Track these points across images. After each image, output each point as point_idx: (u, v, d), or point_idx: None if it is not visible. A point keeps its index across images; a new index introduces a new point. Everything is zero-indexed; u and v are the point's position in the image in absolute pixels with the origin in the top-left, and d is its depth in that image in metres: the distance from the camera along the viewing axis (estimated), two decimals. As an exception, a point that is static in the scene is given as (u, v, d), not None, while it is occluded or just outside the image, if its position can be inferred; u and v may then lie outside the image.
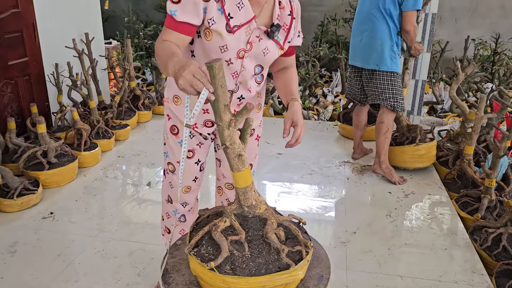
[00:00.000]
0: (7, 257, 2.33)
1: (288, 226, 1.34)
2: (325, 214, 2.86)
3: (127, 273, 2.22)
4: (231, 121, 1.20)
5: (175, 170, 1.81)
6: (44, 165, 2.98)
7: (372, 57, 3.15)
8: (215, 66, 1.13)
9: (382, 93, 3.17)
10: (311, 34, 7.02)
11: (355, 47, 3.29)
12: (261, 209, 1.32)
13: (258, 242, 1.29)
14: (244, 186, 1.29)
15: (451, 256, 2.43)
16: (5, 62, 3.28)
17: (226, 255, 1.21)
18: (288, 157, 3.71)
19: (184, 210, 1.93)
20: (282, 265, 1.23)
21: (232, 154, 1.24)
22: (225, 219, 1.31)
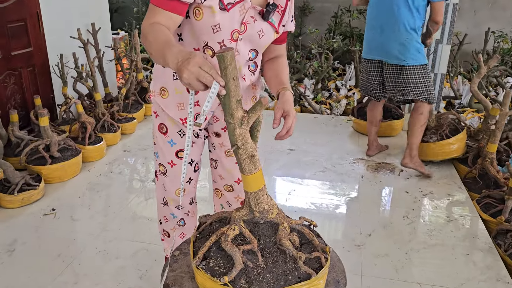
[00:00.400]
0: (5, 257, 2.24)
1: (302, 230, 1.23)
2: (338, 214, 2.72)
3: (129, 276, 2.11)
4: (243, 119, 1.08)
5: (167, 171, 1.69)
6: (47, 159, 2.88)
7: (397, 51, 2.98)
8: (226, 56, 1.00)
9: (415, 88, 3.02)
10: (324, 26, 6.84)
11: (374, 40, 3.11)
12: (273, 214, 1.20)
13: (271, 250, 1.17)
14: (256, 190, 1.16)
15: (473, 262, 2.28)
16: (8, 52, 3.18)
17: (240, 267, 1.09)
18: (299, 153, 3.57)
19: (180, 213, 1.81)
20: (301, 274, 1.12)
21: (244, 155, 1.12)
22: (234, 227, 1.19)
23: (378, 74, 3.21)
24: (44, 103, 3.48)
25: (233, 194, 1.76)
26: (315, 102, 4.89)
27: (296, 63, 5.78)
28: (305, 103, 4.84)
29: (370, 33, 3.15)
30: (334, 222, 2.64)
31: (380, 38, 3.04)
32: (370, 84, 3.27)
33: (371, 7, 3.12)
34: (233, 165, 1.67)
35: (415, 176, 3.18)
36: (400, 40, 2.95)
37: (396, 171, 3.26)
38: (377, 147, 3.54)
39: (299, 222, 1.25)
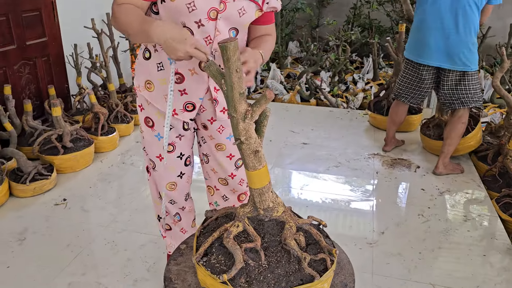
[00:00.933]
0: (15, 245, 2.25)
1: (309, 230, 1.18)
2: (351, 211, 2.65)
3: (136, 268, 2.10)
4: (247, 112, 1.03)
5: (155, 166, 1.65)
6: (59, 149, 2.89)
7: (464, 56, 2.75)
8: (229, 47, 0.96)
9: (474, 95, 2.84)
10: (343, 18, 6.70)
11: (436, 44, 2.80)
12: (279, 212, 1.15)
13: (275, 250, 1.13)
14: (260, 187, 1.12)
15: (490, 263, 2.20)
16: (23, 42, 3.19)
17: (240, 266, 1.06)
18: (313, 147, 3.50)
19: (174, 208, 1.78)
20: (304, 276, 1.07)
21: (248, 150, 1.07)
22: (238, 223, 1.15)
23: (433, 81, 2.97)
24: (58, 93, 3.50)
25: (228, 187, 1.71)
26: (331, 96, 4.81)
27: (312, 55, 5.69)
28: (320, 96, 4.76)
29: (431, 35, 2.81)
30: (347, 219, 2.58)
31: (446, 42, 2.76)
32: (420, 91, 3.03)
33: (431, 6, 2.80)
34: (225, 159, 1.62)
35: (431, 173, 3.08)
36: (468, 44, 2.73)
37: (412, 168, 3.17)
38: (394, 143, 3.45)
39: (306, 222, 1.20)
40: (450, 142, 2.97)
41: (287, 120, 4.07)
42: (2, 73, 3.05)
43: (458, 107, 2.90)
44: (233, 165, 1.65)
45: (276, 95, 4.82)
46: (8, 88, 2.92)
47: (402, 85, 3.12)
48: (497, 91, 2.89)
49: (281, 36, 6.12)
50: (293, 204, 2.71)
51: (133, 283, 2.01)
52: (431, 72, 2.93)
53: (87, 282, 2.00)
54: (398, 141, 3.49)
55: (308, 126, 3.91)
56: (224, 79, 1.00)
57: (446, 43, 2.78)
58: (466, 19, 2.71)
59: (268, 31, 1.49)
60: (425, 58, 2.88)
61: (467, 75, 2.81)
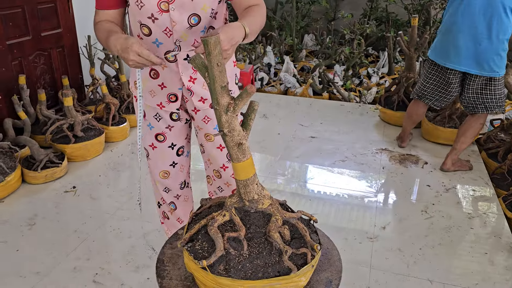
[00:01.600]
0: (25, 230, 2.34)
1: (296, 224, 1.19)
2: (353, 205, 2.66)
3: (139, 255, 2.16)
4: (229, 105, 1.05)
5: (149, 154, 1.72)
6: (70, 138, 2.97)
7: (493, 63, 2.68)
8: (210, 41, 0.98)
9: (499, 100, 2.78)
10: (359, 11, 6.62)
11: (466, 49, 2.71)
12: (264, 204, 1.18)
13: (259, 241, 1.15)
14: (244, 179, 1.14)
15: (492, 261, 2.18)
16: (38, 33, 3.28)
17: (220, 253, 1.09)
18: (321, 141, 3.51)
19: (169, 196, 1.83)
20: (282, 269, 1.09)
21: (231, 142, 1.10)
22: (225, 213, 1.18)
23: (458, 85, 2.88)
24: (72, 83, 3.58)
25: (222, 180, 1.75)
26: (344, 89, 4.78)
27: (327, 48, 5.65)
28: (333, 90, 4.74)
29: (461, 39, 2.73)
30: (349, 213, 2.59)
31: (477, 48, 2.68)
32: (446, 94, 2.94)
33: (465, 9, 2.70)
34: (215, 150, 1.66)
35: (439, 169, 3.06)
36: (498, 51, 2.66)
37: (419, 164, 3.15)
38: (409, 137, 3.43)
39: (293, 216, 1.21)
40: (464, 140, 2.93)
41: (297, 113, 4.07)
42: (18, 63, 3.15)
43: (481, 112, 2.84)
44: (224, 157, 1.69)
45: (289, 88, 4.82)
46: (23, 78, 3.01)
47: (427, 87, 3.02)
48: (507, 88, 2.84)
49: (296, 29, 6.10)
50: (296, 196, 2.74)
51: (135, 269, 2.07)
52: (458, 76, 2.84)
53: (91, 267, 2.08)
54: (411, 134, 3.48)
55: (317, 120, 3.91)
56: (207, 72, 1.02)
57: (477, 49, 2.68)
58: (501, 26, 2.60)
59: (251, 1, 1.42)
60: (453, 62, 2.78)
61: (494, 81, 2.74)
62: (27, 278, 2.00)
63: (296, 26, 6.05)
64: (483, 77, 2.74)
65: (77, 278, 2.01)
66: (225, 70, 1.02)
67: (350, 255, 2.20)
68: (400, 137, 3.41)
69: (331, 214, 2.55)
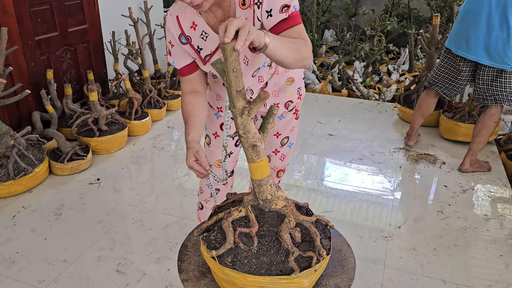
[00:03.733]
0: (53, 219, 2.46)
1: (308, 228, 1.22)
2: (369, 204, 2.70)
3: (160, 247, 2.25)
4: (244, 109, 1.10)
5: (211, 142, 1.82)
6: (95, 132, 3.08)
7: (504, 54, 2.67)
8: (227, 48, 1.03)
9: (509, 93, 2.76)
10: (381, 6, 6.58)
11: (476, 39, 2.73)
12: (278, 205, 1.22)
13: (270, 239, 1.20)
14: (259, 179, 1.19)
15: (506, 264, 2.20)
16: (65, 29, 3.38)
17: (229, 246, 1.16)
18: (339, 138, 3.54)
19: (218, 184, 1.94)
20: (285, 269, 1.13)
21: (246, 143, 1.15)
22: (241, 209, 1.24)
23: (470, 75, 2.90)
24: (97, 78, 3.69)
25: (270, 164, 1.84)
26: (363, 87, 4.78)
27: (347, 44, 5.65)
28: (352, 87, 4.75)
29: (471, 28, 2.75)
30: (365, 211, 2.62)
31: (488, 38, 2.69)
32: (455, 83, 2.98)
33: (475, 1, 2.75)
34: (272, 137, 1.82)
35: (457, 170, 3.06)
36: (510, 42, 2.64)
37: (437, 164, 3.15)
38: (417, 136, 3.43)
39: (307, 219, 1.23)
40: (479, 140, 2.92)
41: (315, 110, 4.10)
42: (46, 58, 3.26)
43: (490, 104, 2.84)
44: (279, 142, 1.83)
45: (308, 84, 4.84)
46: (51, 73, 3.13)
47: (438, 74, 3.05)
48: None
49: (316, 24, 6.10)
50: (313, 193, 2.79)
51: (156, 260, 2.16)
52: (469, 65, 2.86)
53: (115, 257, 2.17)
54: (419, 135, 3.47)
55: (335, 117, 3.94)
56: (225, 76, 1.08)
57: (488, 39, 2.69)
58: (509, 17, 2.60)
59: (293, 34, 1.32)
60: (465, 51, 2.81)
61: (505, 73, 2.73)
62: (54, 266, 2.11)
63: (316, 21, 6.05)
64: (494, 68, 2.73)
65: (101, 267, 2.10)
66: (241, 76, 1.06)
67: (364, 253, 2.24)
68: (408, 135, 3.41)
69: (347, 211, 2.60)
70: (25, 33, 3.05)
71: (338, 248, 1.34)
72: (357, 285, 2.02)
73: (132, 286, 1.99)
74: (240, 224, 1.22)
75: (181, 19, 1.41)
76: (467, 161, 3.01)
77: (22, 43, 3.03)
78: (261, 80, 1.57)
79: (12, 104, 3.01)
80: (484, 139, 2.93)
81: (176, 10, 1.41)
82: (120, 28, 3.81)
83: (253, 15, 1.33)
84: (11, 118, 3.06)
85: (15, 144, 2.63)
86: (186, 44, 1.44)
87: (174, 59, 1.49)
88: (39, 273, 2.06)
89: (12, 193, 2.62)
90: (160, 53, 4.47)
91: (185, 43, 1.44)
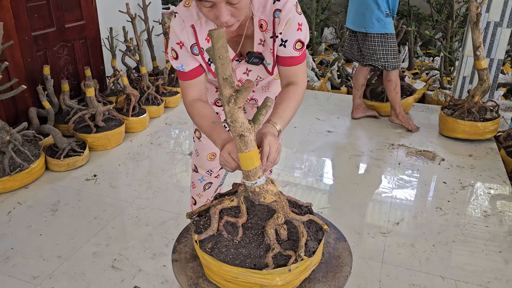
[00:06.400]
0: (49, 215, 2.44)
1: (298, 226, 1.18)
2: (368, 200, 2.68)
3: (156, 243, 2.23)
4: (231, 97, 1.08)
5: (201, 136, 1.80)
6: (92, 128, 3.06)
7: (361, 21, 3.31)
8: (213, 34, 1.01)
9: (373, 55, 3.38)
10: (380, 4, 6.54)
11: (350, 10, 3.45)
12: (267, 199, 1.18)
13: (255, 232, 1.19)
14: (247, 170, 1.17)
15: (506, 260, 2.17)
16: (62, 24, 3.36)
17: (211, 233, 1.17)
18: (338, 135, 3.52)
19: (210, 177, 1.92)
20: (260, 263, 1.11)
21: (234, 132, 1.13)
22: (233, 199, 1.24)
23: (356, 41, 3.53)
24: (94, 74, 3.67)
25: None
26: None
27: (346, 42, 5.62)
28: (351, 84, 4.72)
29: (349, 4, 3.46)
30: (363, 208, 2.60)
31: (352, 8, 3.39)
32: (352, 49, 3.61)
33: None
34: None
35: (456, 166, 3.04)
36: (361, 11, 3.28)
37: (436, 160, 3.13)
38: (363, 111, 3.78)
39: (297, 218, 1.18)
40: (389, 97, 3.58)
41: (314, 107, 4.08)
42: (43, 54, 3.24)
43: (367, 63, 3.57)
44: None
45: (307, 81, 4.82)
46: (47, 69, 3.11)
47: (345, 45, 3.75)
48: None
49: (316, 22, 6.07)
50: (312, 190, 2.77)
51: (152, 256, 2.14)
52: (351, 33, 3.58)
53: (110, 253, 2.15)
54: (367, 110, 3.81)
55: (334, 114, 3.92)
56: None
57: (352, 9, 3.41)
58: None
59: (291, 77, 1.40)
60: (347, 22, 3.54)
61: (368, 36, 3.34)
62: (49, 261, 2.09)
63: (316, 19, 6.02)
64: (360, 32, 3.41)
65: (96, 263, 2.09)
66: (228, 63, 1.03)
67: (362, 249, 2.22)
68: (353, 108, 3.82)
69: (346, 208, 2.58)
70: (22, 28, 3.03)
71: (337, 254, 1.29)
72: (355, 281, 2.00)
73: (128, 282, 1.97)
74: (230, 213, 1.21)
75: (197, 30, 1.35)
76: (392, 113, 3.60)
77: (19, 38, 3.01)
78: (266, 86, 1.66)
79: (9, 100, 3.00)
80: (391, 96, 3.52)
81: (191, 19, 1.34)
82: (118, 24, 3.79)
83: (273, 41, 1.36)
84: (7, 113, 3.05)
85: (11, 140, 2.61)
86: (198, 55, 1.39)
87: (182, 62, 1.40)
88: (34, 269, 2.04)
89: (7, 189, 2.61)
90: (158, 50, 4.45)
91: (196, 54, 1.39)
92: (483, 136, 3.30)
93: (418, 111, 4.02)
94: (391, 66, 3.39)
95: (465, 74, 3.80)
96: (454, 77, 4.57)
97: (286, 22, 1.32)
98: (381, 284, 2.00)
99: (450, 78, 4.77)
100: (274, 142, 1.20)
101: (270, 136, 1.21)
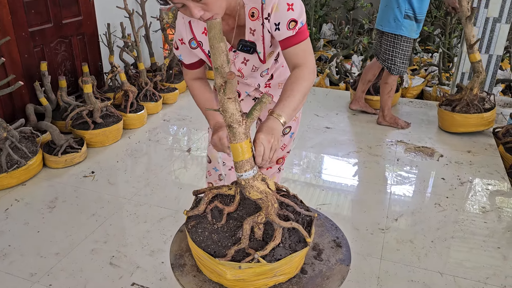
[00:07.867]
0: (46, 212, 2.43)
1: (275, 230, 1.15)
2: (366, 196, 2.67)
3: (154, 240, 2.22)
4: (221, 87, 1.08)
5: None
6: (90, 124, 3.05)
7: (380, 17, 3.29)
8: (207, 24, 1.03)
9: (383, 53, 3.34)
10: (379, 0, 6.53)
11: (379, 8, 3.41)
12: (251, 195, 1.16)
13: (235, 224, 1.21)
14: (235, 160, 1.17)
15: (504, 256, 2.17)
16: (59, 20, 3.34)
17: (197, 213, 1.23)
18: (336, 131, 3.51)
19: (224, 168, 1.97)
20: (219, 252, 1.13)
21: (225, 121, 1.14)
22: (232, 188, 1.26)
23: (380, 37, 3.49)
24: (92, 70, 3.66)
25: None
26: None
27: (346, 38, 5.61)
28: (350, 80, 4.72)
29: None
30: (361, 204, 2.60)
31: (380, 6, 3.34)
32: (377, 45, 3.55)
33: None
34: None
35: (454, 162, 3.04)
36: (382, 7, 3.26)
37: (435, 156, 3.13)
38: (361, 105, 3.79)
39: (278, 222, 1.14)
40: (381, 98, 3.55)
41: (312, 103, 4.07)
42: (40, 50, 3.22)
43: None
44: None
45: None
46: (45, 65, 3.09)
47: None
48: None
49: (314, 18, 6.05)
50: (311, 186, 2.77)
51: (150, 253, 2.13)
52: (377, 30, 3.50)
53: (108, 250, 2.15)
54: (366, 106, 3.80)
55: (333, 110, 3.91)
56: None
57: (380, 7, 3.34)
58: None
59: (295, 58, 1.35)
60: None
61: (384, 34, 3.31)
62: (47, 259, 2.08)
63: (314, 15, 6.01)
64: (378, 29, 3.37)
65: (94, 260, 2.08)
66: (220, 53, 1.03)
67: (361, 246, 2.22)
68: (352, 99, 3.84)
69: (344, 204, 2.57)
70: (19, 24, 3.01)
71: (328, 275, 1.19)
72: (354, 277, 2.00)
73: (126, 279, 1.97)
74: (224, 201, 1.25)
75: (193, 25, 1.43)
76: (380, 115, 3.56)
77: (16, 34, 2.99)
78: (267, 74, 1.62)
79: (6, 96, 2.98)
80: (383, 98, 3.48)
81: None
82: (115, 20, 3.77)
83: (262, 28, 1.37)
84: (4, 110, 3.03)
85: (8, 137, 2.60)
86: (196, 48, 1.47)
87: (182, 54, 1.53)
88: (32, 266, 2.03)
89: (4, 186, 2.60)
90: (156, 46, 4.43)
91: (195, 48, 1.47)
92: (488, 126, 3.36)
93: (416, 107, 4.02)
94: (396, 71, 3.32)
95: (463, 70, 3.79)
96: (452, 73, 4.56)
97: (272, 6, 1.31)
98: (379, 280, 1.99)
99: (449, 74, 4.76)
100: (267, 140, 1.17)
101: (263, 134, 1.18)
